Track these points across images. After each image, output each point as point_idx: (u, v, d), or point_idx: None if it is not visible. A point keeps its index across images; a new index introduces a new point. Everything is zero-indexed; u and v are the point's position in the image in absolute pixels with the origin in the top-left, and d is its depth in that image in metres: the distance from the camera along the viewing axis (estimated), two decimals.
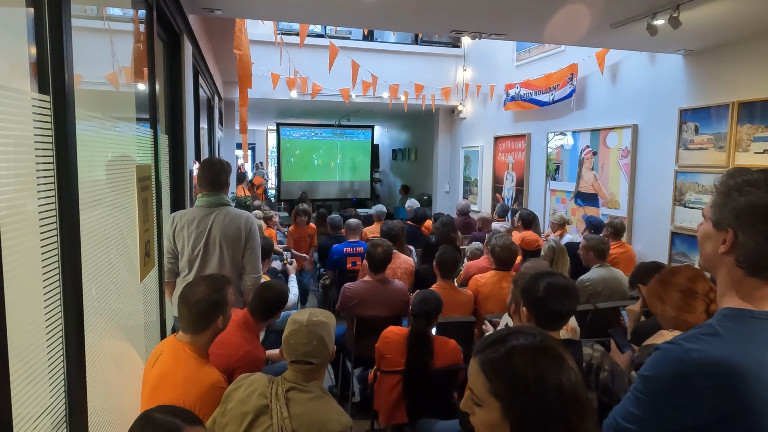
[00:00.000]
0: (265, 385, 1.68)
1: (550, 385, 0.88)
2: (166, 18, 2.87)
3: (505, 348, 0.93)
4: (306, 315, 1.76)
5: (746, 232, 0.99)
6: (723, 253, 1.03)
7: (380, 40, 8.43)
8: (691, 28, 3.35)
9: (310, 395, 1.67)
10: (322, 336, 1.72)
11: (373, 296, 3.37)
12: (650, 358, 1.04)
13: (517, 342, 0.94)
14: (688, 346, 0.97)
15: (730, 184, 1.03)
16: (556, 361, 0.92)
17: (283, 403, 1.62)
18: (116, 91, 2.10)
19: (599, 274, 3.60)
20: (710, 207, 1.07)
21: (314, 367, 1.71)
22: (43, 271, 1.25)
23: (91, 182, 1.60)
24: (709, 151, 4.09)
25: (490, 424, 0.93)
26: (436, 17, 3.45)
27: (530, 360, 0.91)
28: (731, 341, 0.96)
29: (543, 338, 0.95)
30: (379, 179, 13.64)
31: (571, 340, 1.81)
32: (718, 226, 1.04)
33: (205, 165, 2.75)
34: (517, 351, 0.92)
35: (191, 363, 1.83)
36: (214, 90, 6.24)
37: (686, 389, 0.96)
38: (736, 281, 1.03)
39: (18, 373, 1.09)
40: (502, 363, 0.92)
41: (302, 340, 1.70)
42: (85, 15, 1.73)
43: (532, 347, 0.93)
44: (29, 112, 1.20)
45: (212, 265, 2.66)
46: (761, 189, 0.98)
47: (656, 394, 1.00)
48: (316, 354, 1.70)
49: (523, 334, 0.95)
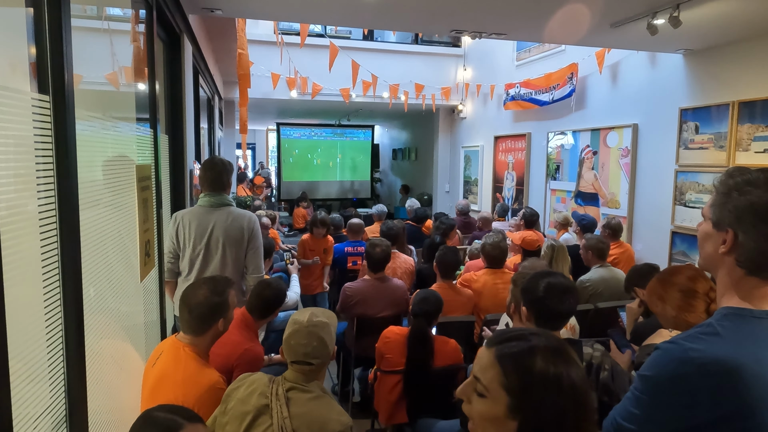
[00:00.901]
0: (266, 384, 1.68)
1: (566, 389, 0.88)
2: (166, 18, 2.87)
3: (527, 345, 0.92)
4: (307, 315, 1.76)
5: (746, 232, 0.99)
6: (723, 253, 1.02)
7: (380, 39, 8.43)
8: (691, 27, 3.34)
9: (311, 395, 1.67)
10: (322, 336, 1.71)
11: (373, 294, 3.37)
12: (650, 357, 1.04)
13: (538, 342, 0.92)
14: (688, 346, 0.97)
15: (729, 184, 1.03)
16: (573, 364, 0.91)
17: (283, 403, 1.62)
18: (116, 91, 2.10)
19: (599, 274, 3.60)
20: (710, 207, 1.07)
21: (314, 368, 1.71)
22: (43, 271, 1.25)
23: (90, 182, 1.60)
24: (710, 151, 4.09)
25: (490, 416, 0.91)
26: (436, 17, 3.45)
27: (552, 362, 0.89)
28: (731, 340, 0.96)
29: (561, 342, 0.95)
30: (380, 179, 13.64)
31: (572, 340, 1.81)
32: (718, 226, 1.04)
33: (207, 165, 2.75)
34: (540, 350, 0.91)
35: (191, 364, 1.83)
36: (214, 90, 6.24)
37: (686, 388, 0.96)
38: (736, 281, 1.03)
39: (18, 374, 1.09)
40: (525, 359, 0.90)
41: (302, 340, 1.69)
42: (84, 15, 1.73)
43: (555, 350, 0.92)
44: (29, 112, 1.20)
45: (214, 264, 2.66)
46: (761, 188, 0.98)
47: (656, 394, 1.00)
48: (316, 355, 1.70)
49: (542, 336, 0.95)
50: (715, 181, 1.08)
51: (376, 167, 12.83)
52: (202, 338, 1.91)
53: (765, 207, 0.97)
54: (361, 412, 3.42)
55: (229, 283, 2.04)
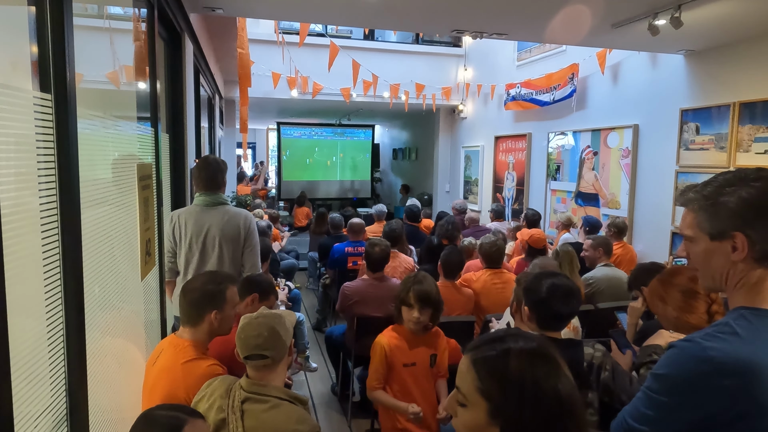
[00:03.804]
0: (223, 397, 1.61)
1: (547, 392, 0.85)
2: (167, 17, 2.87)
3: (502, 348, 0.90)
4: (259, 310, 1.72)
5: (754, 226, 0.98)
6: (741, 259, 0.99)
7: (381, 39, 8.42)
8: (692, 28, 3.34)
9: (266, 405, 1.59)
10: (272, 326, 1.64)
11: (372, 294, 3.37)
12: (665, 356, 1.03)
13: (515, 344, 0.90)
14: (706, 344, 0.96)
15: (708, 194, 1.02)
16: (554, 369, 0.89)
17: (238, 417, 1.55)
18: (117, 89, 2.10)
19: (603, 273, 3.61)
20: (696, 225, 1.05)
21: (270, 362, 1.63)
22: (44, 270, 1.25)
23: (92, 181, 1.60)
24: (710, 152, 4.08)
25: (473, 425, 0.89)
26: (437, 17, 3.45)
27: (528, 364, 0.87)
28: (749, 340, 0.95)
29: (541, 343, 0.92)
30: (380, 179, 13.63)
31: (573, 340, 1.81)
32: (719, 237, 1.01)
33: (201, 165, 2.75)
34: (514, 353, 0.89)
35: (190, 357, 1.84)
36: (214, 89, 6.24)
37: (704, 387, 0.94)
38: (754, 281, 1.00)
39: (19, 372, 1.09)
40: (498, 362, 0.88)
41: (252, 332, 1.63)
42: (86, 14, 1.73)
43: (531, 351, 0.89)
44: (30, 111, 1.19)
45: (211, 263, 2.67)
46: (740, 186, 0.99)
47: (673, 393, 0.99)
48: (267, 346, 1.62)
49: (522, 338, 0.92)
50: (682, 203, 1.07)
51: (376, 167, 12.81)
52: (198, 329, 1.90)
53: (758, 199, 0.97)
54: (361, 412, 3.43)
55: (231, 278, 2.03)
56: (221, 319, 1.94)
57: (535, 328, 1.81)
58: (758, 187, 0.98)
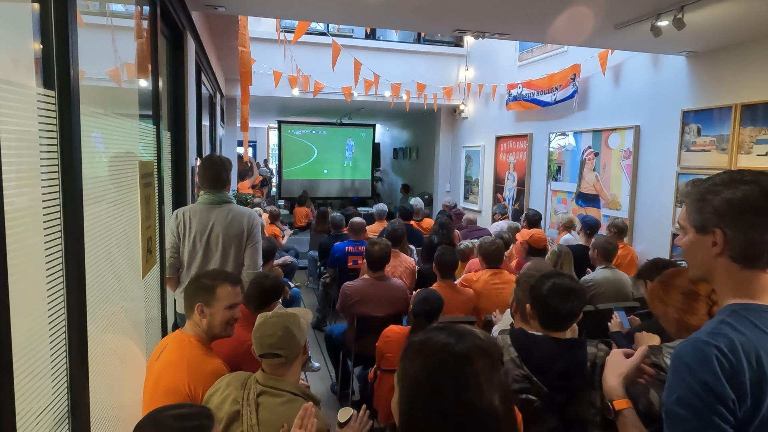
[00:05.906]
0: (238, 389, 1.65)
1: (444, 389, 0.87)
2: (169, 15, 2.87)
3: (421, 337, 0.95)
4: (274, 309, 1.76)
5: (731, 227, 1.03)
6: (717, 254, 1.06)
7: (383, 38, 8.41)
8: (694, 29, 3.34)
9: (281, 399, 1.63)
10: (287, 326, 1.68)
11: (373, 293, 3.37)
12: (679, 345, 1.06)
13: (434, 337, 0.93)
14: (712, 337, 1.00)
15: (699, 191, 1.09)
16: (463, 375, 0.87)
17: (253, 409, 1.59)
18: (119, 87, 2.10)
19: (603, 275, 3.60)
20: (687, 218, 1.12)
21: (284, 361, 1.67)
22: (47, 267, 1.25)
23: (94, 178, 1.60)
24: (712, 153, 4.08)
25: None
26: (439, 16, 3.45)
27: (422, 360, 0.91)
28: (746, 332, 1.00)
29: (467, 346, 0.90)
30: (380, 178, 13.62)
31: (576, 340, 1.80)
32: (702, 230, 1.08)
33: (206, 163, 2.76)
34: (412, 347, 0.94)
35: (195, 351, 1.86)
36: (216, 87, 6.24)
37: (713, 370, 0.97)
38: (734, 279, 1.06)
39: (21, 369, 1.09)
40: (406, 353, 0.94)
41: (267, 331, 1.67)
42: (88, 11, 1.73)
43: (438, 348, 0.91)
44: (34, 107, 1.20)
45: (214, 261, 2.67)
46: (729, 186, 1.04)
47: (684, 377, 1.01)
48: (282, 345, 1.66)
49: (455, 334, 0.92)
50: (680, 197, 1.11)
51: (377, 166, 12.80)
52: (192, 322, 1.92)
53: (739, 201, 1.03)
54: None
55: (231, 278, 2.01)
56: (209, 314, 1.91)
57: (538, 327, 1.81)
58: (744, 189, 1.03)
